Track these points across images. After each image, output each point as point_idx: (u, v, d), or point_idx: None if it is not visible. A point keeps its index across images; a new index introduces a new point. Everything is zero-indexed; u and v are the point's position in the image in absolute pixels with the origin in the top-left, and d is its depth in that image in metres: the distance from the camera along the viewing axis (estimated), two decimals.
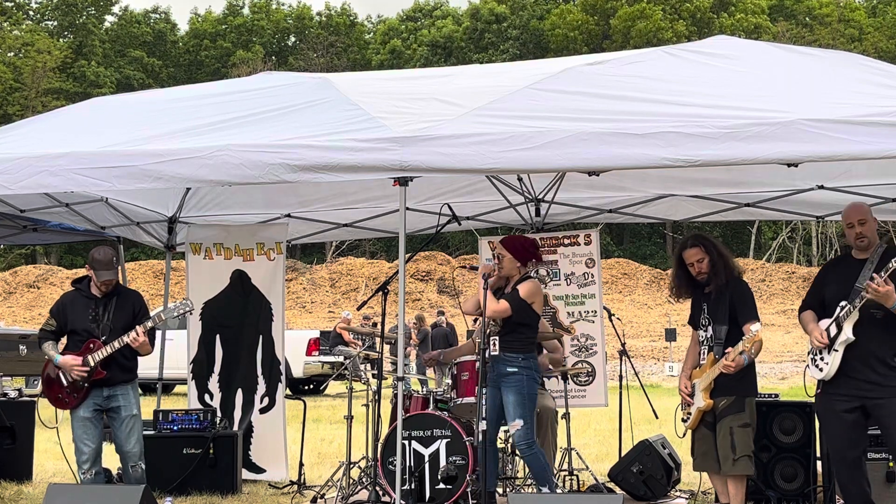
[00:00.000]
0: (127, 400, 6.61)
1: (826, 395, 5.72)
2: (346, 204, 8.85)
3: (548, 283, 8.86)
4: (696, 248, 6.26)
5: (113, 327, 6.53)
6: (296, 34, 67.07)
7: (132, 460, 6.63)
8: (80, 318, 6.59)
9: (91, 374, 6.48)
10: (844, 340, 5.59)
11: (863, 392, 5.58)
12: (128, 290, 6.84)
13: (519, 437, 6.49)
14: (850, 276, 5.67)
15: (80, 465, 6.59)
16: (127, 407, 6.60)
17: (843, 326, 5.59)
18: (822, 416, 5.84)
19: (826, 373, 5.68)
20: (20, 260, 47.99)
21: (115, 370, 6.56)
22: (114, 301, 6.62)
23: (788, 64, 6.21)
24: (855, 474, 5.70)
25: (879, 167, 6.88)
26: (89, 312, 6.58)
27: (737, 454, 6.05)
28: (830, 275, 5.94)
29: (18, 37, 58.06)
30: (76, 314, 6.60)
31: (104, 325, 6.55)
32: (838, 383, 5.65)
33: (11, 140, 6.60)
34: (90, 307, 6.60)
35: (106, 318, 6.57)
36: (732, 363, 5.99)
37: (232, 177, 5.72)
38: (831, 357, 5.64)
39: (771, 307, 35.75)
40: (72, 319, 6.61)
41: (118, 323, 6.55)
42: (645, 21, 55.97)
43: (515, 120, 5.56)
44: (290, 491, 8.21)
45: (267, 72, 9.69)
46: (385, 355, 10.87)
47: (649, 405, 8.17)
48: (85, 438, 6.57)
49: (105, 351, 6.46)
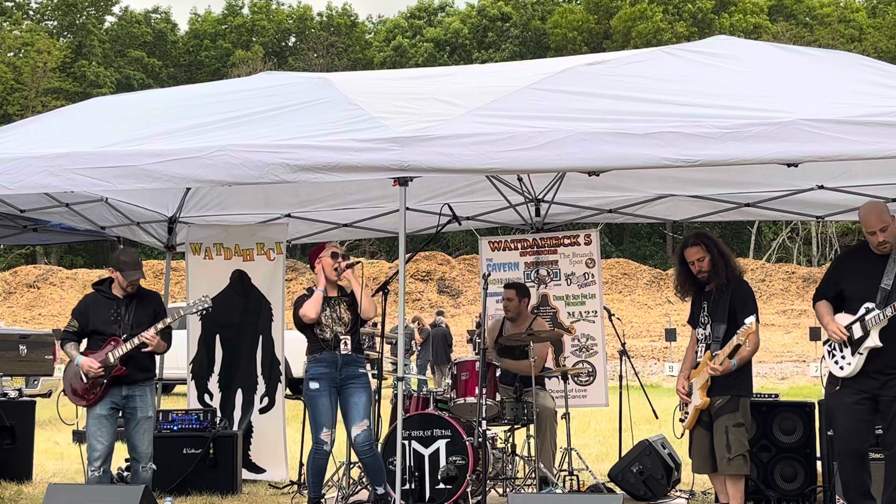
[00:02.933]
0: (144, 401, 6.69)
1: (843, 389, 5.73)
2: (346, 204, 8.84)
3: (548, 283, 8.87)
4: (696, 247, 6.27)
5: (133, 326, 6.61)
6: (296, 34, 67.06)
7: (143, 461, 6.69)
8: (102, 319, 6.67)
9: (110, 370, 6.55)
10: (871, 346, 5.60)
11: (877, 390, 5.62)
12: (148, 292, 6.95)
13: (365, 438, 6.61)
14: (872, 274, 5.65)
15: (91, 461, 6.61)
16: (143, 408, 6.68)
17: (871, 332, 5.60)
18: (834, 410, 5.86)
19: (847, 373, 5.69)
20: (20, 260, 47.97)
21: (134, 369, 6.64)
22: (134, 302, 6.72)
23: (788, 64, 6.21)
24: (859, 468, 5.71)
25: (879, 167, 6.88)
26: (111, 313, 6.67)
27: (732, 453, 6.07)
28: (849, 268, 5.91)
29: (18, 37, 58.04)
30: (98, 315, 6.68)
31: (125, 325, 6.63)
32: (856, 379, 5.67)
33: (11, 140, 6.60)
34: (112, 308, 6.69)
35: (127, 317, 6.66)
36: (720, 367, 6.03)
37: (232, 177, 5.72)
38: (855, 359, 5.65)
39: (771, 307, 35.72)
40: (93, 320, 6.69)
41: (138, 323, 6.63)
42: (645, 22, 55.96)
43: (515, 120, 5.55)
44: (290, 491, 8.21)
45: (267, 72, 9.69)
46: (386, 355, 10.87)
47: (649, 405, 8.17)
48: (98, 436, 6.60)
49: (124, 348, 6.54)
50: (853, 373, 5.67)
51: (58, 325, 31.56)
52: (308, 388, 6.68)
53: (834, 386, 5.81)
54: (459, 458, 6.86)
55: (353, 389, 6.68)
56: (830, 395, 5.86)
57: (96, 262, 49.68)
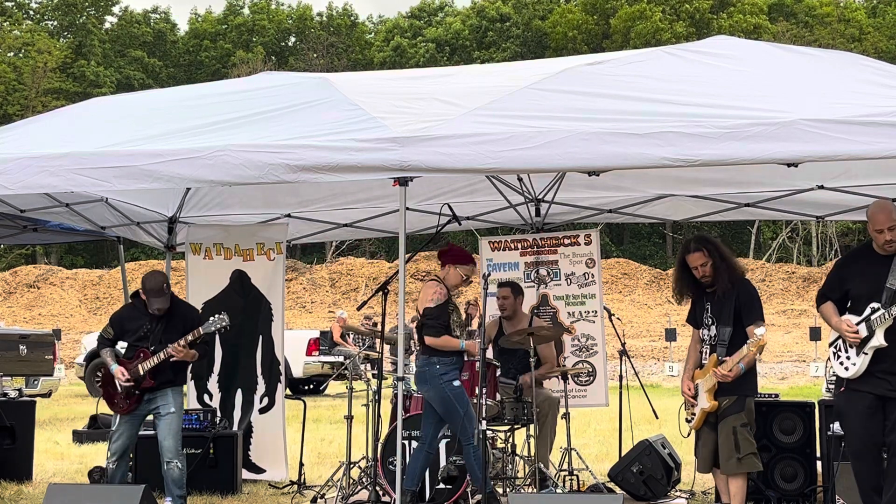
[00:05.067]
0: (165, 399, 6.88)
1: (849, 391, 5.72)
2: (346, 204, 8.84)
3: (548, 283, 8.88)
4: (698, 253, 6.24)
5: (162, 341, 6.80)
6: (296, 34, 67.04)
7: (167, 456, 6.82)
8: (133, 332, 6.90)
9: (140, 382, 6.79)
10: (876, 346, 5.59)
11: (885, 390, 5.60)
12: (182, 307, 7.10)
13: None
14: (878, 274, 5.64)
15: (108, 452, 6.94)
16: (165, 406, 6.87)
17: (875, 331, 5.59)
18: (844, 413, 5.84)
19: (852, 373, 5.68)
20: (20, 260, 47.94)
21: (162, 378, 6.86)
22: (165, 318, 6.88)
23: (788, 64, 6.21)
24: (872, 468, 5.68)
25: (879, 167, 6.88)
26: (142, 328, 6.87)
27: (741, 453, 6.07)
28: (853, 269, 5.88)
29: (18, 37, 58.00)
30: (130, 328, 6.92)
31: (154, 339, 6.83)
32: (862, 379, 5.66)
33: (11, 140, 6.61)
34: (144, 323, 6.89)
35: (158, 332, 6.84)
36: (730, 373, 6.02)
37: (232, 177, 5.73)
38: (860, 359, 5.64)
39: (771, 307, 35.66)
40: (126, 332, 6.93)
41: (168, 339, 6.80)
42: (645, 22, 55.96)
43: (515, 120, 5.56)
44: (290, 491, 8.21)
45: (267, 72, 9.70)
46: (385, 355, 10.87)
47: (649, 405, 8.17)
48: (117, 432, 6.89)
49: (151, 362, 6.75)
50: (858, 373, 5.65)
51: (58, 325, 31.54)
52: (453, 387, 6.64)
53: (839, 387, 5.80)
54: (459, 458, 6.86)
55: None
56: (838, 396, 5.85)
57: (96, 262, 49.67)
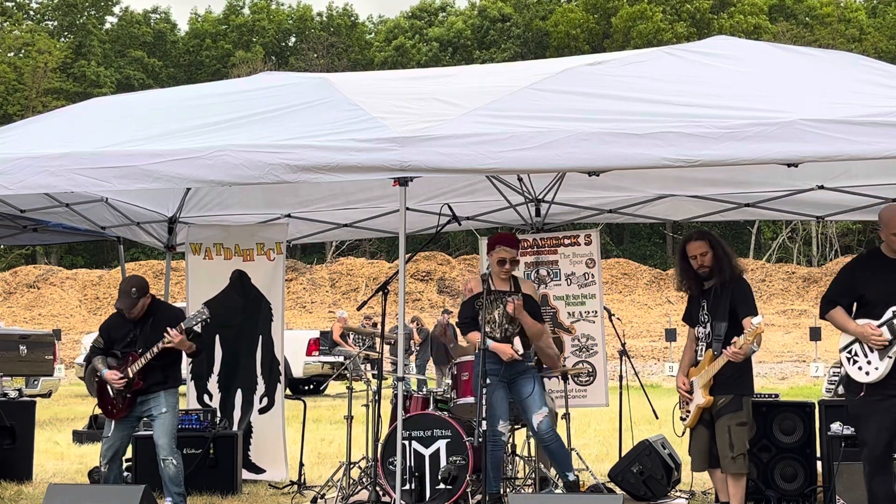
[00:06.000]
0: (157, 401, 7.00)
1: (869, 396, 5.56)
2: (346, 204, 8.84)
3: (548, 284, 8.87)
4: (700, 242, 6.24)
5: (148, 343, 6.90)
6: (296, 34, 67.05)
7: (162, 454, 6.92)
8: (121, 340, 7.06)
9: (130, 384, 6.92)
10: None
11: None
12: (164, 308, 7.18)
13: (548, 426, 6.68)
14: (893, 278, 5.56)
15: (100, 457, 7.08)
16: (158, 407, 6.99)
17: None
18: (862, 417, 5.64)
19: (874, 378, 5.52)
20: (20, 260, 47.97)
21: (152, 382, 6.98)
22: (150, 321, 7.00)
23: (788, 64, 6.21)
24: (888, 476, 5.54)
25: (879, 167, 6.88)
26: (129, 335, 7.03)
27: (734, 452, 6.07)
28: (864, 274, 5.74)
29: (18, 37, 58.02)
30: (117, 336, 7.10)
31: (140, 343, 6.95)
32: (884, 383, 5.51)
33: (11, 140, 6.60)
34: (129, 329, 7.04)
35: (143, 336, 6.96)
36: (741, 350, 5.97)
37: (232, 177, 5.73)
38: (884, 363, 5.49)
39: (771, 307, 35.70)
40: (114, 339, 7.11)
41: (154, 340, 6.90)
42: (645, 22, 55.97)
43: (515, 120, 5.55)
44: (290, 491, 8.21)
45: (267, 72, 9.70)
46: (385, 355, 10.87)
47: (649, 405, 8.17)
48: (108, 434, 7.04)
49: (141, 362, 6.87)
50: (880, 377, 5.49)
51: (58, 325, 31.55)
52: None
53: (857, 392, 5.62)
54: (460, 458, 6.86)
55: (525, 381, 6.77)
56: (855, 401, 5.66)
57: (96, 262, 49.67)
